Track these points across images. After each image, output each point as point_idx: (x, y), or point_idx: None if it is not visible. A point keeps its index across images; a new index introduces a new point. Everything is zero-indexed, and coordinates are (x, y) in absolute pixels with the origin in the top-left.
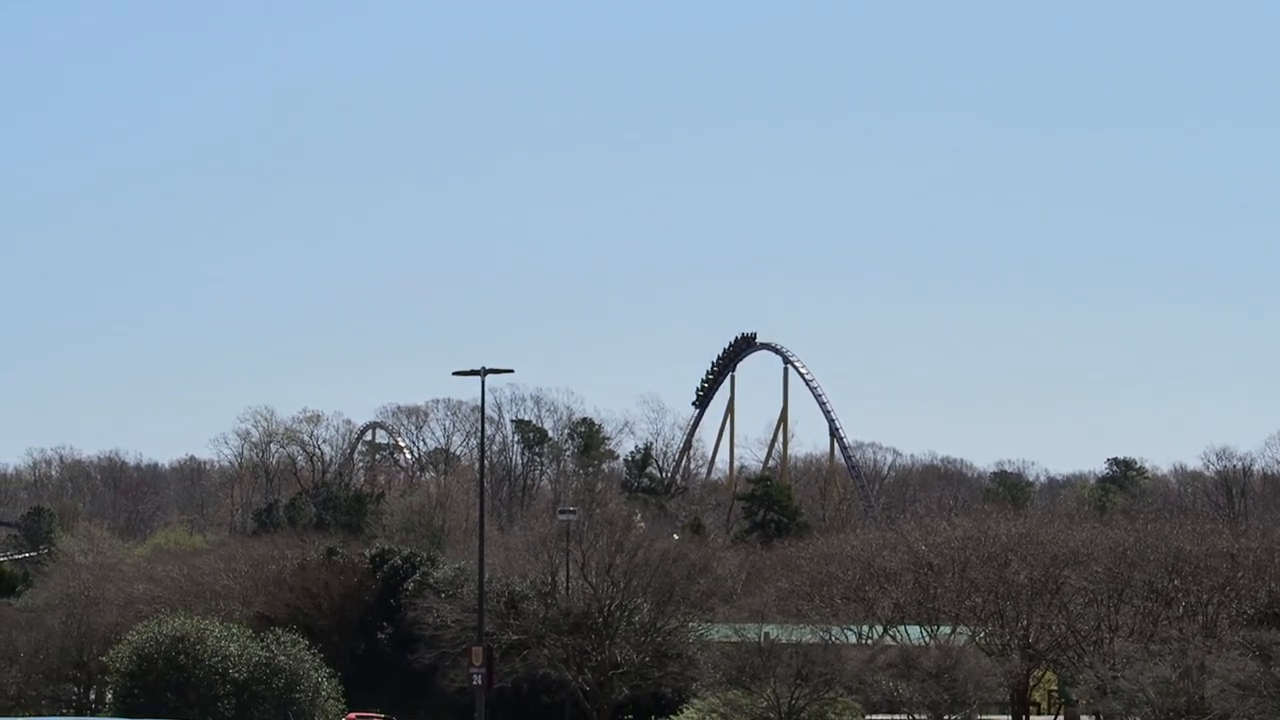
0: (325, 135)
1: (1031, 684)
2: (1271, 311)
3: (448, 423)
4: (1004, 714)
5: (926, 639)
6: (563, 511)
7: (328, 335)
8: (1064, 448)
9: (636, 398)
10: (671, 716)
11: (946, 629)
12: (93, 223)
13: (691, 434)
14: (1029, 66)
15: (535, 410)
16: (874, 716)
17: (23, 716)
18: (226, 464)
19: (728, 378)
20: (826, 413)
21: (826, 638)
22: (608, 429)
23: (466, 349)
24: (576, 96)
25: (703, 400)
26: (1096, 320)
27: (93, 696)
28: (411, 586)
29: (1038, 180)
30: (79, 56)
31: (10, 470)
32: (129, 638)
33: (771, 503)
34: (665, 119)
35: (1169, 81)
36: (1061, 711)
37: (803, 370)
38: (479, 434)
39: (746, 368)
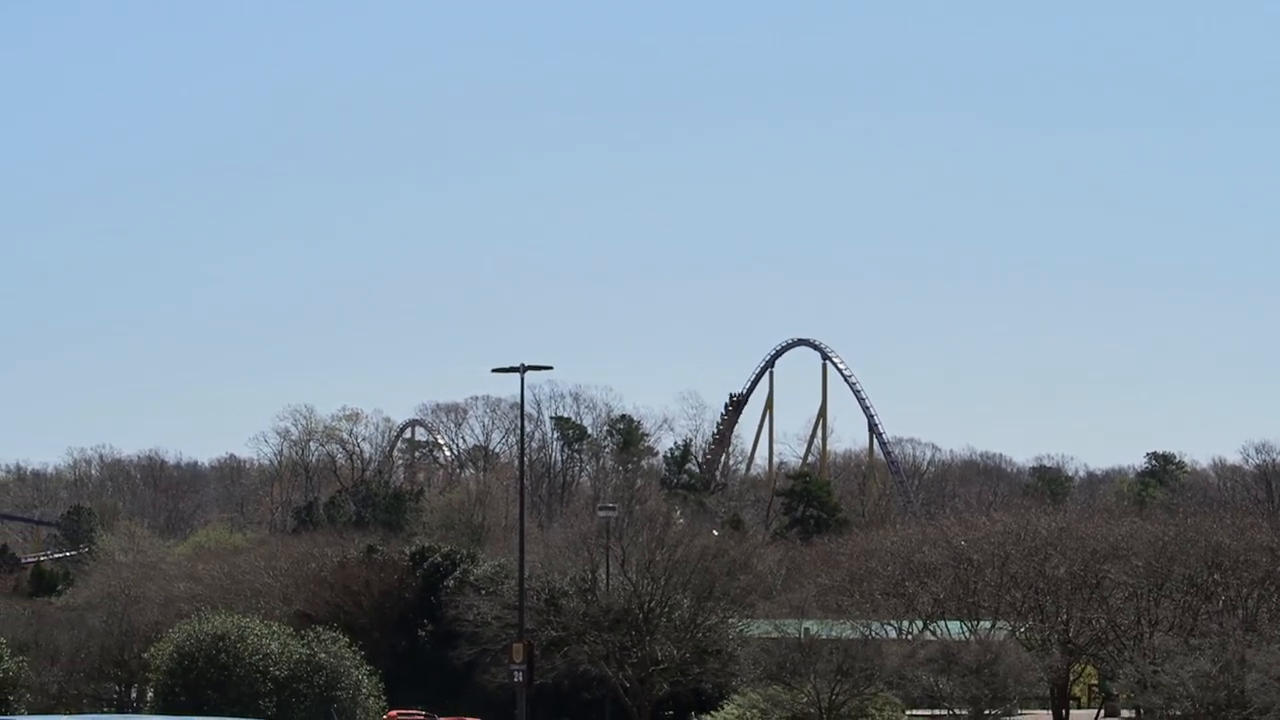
0: (346, 134)
1: (1072, 679)
2: None
3: (487, 420)
4: (1044, 709)
5: (967, 634)
6: (602, 508)
7: (367, 334)
8: (1103, 442)
9: (675, 394)
10: (712, 712)
11: (986, 624)
12: (114, 221)
13: (730, 430)
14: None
15: (574, 407)
16: (914, 712)
17: (65, 714)
18: (266, 462)
19: (766, 374)
20: (865, 408)
21: (866, 633)
22: (646, 425)
23: (505, 347)
24: (586, 96)
25: (740, 397)
26: (1135, 315)
27: (134, 695)
28: (451, 584)
29: (1064, 177)
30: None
31: (50, 470)
32: (170, 636)
33: (811, 498)
34: (692, 118)
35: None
36: (1102, 706)
37: (841, 366)
38: (518, 431)
39: (785, 364)
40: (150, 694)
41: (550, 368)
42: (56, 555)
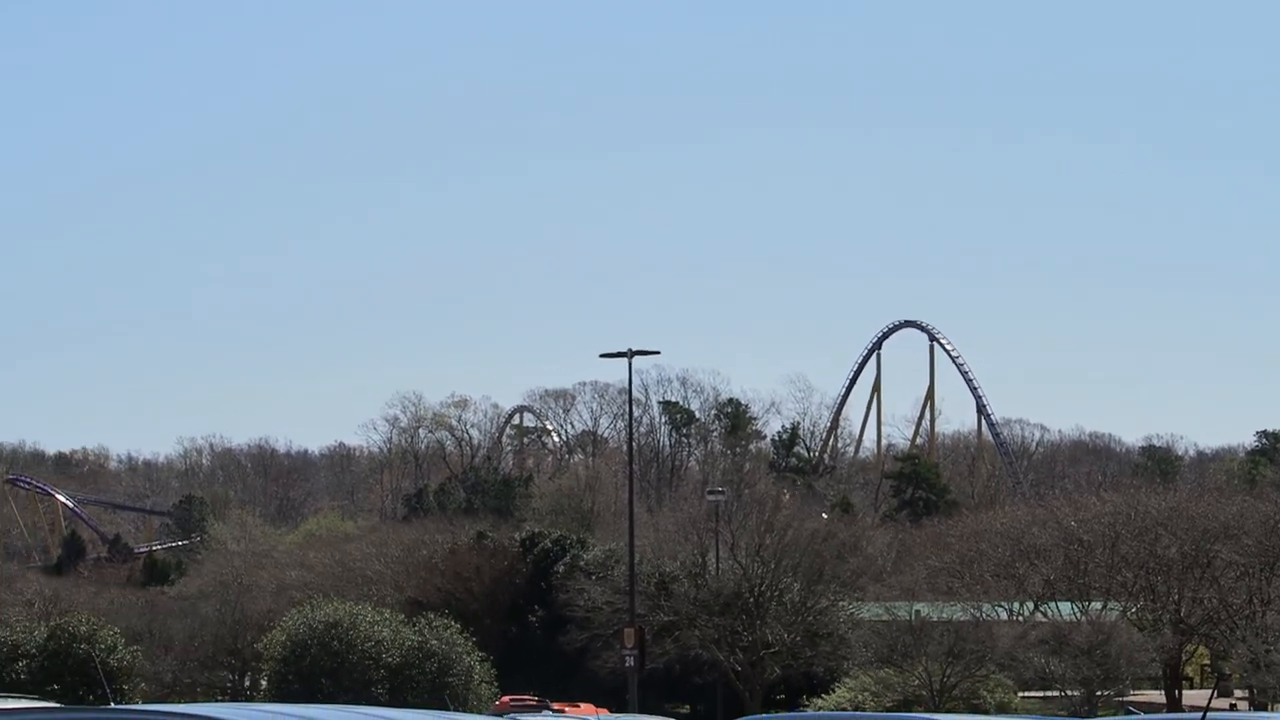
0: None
1: (1184, 658)
2: None
3: (595, 405)
4: (1156, 689)
5: (1078, 615)
6: (711, 492)
7: (475, 321)
8: (1213, 421)
9: (783, 377)
10: (824, 695)
11: (1098, 604)
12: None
13: (838, 413)
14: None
15: (682, 391)
16: (1026, 693)
17: (179, 704)
18: (376, 450)
19: (874, 356)
20: (973, 389)
21: (977, 615)
22: (754, 409)
23: (613, 332)
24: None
25: (849, 380)
26: (1243, 291)
27: (247, 683)
28: (562, 569)
29: (1173, 151)
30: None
31: (162, 459)
32: (282, 624)
33: (920, 480)
34: (795, 103)
35: None
36: (1215, 686)
37: (948, 347)
38: (626, 416)
39: (892, 346)
40: (264, 682)
41: (657, 352)
42: (169, 545)
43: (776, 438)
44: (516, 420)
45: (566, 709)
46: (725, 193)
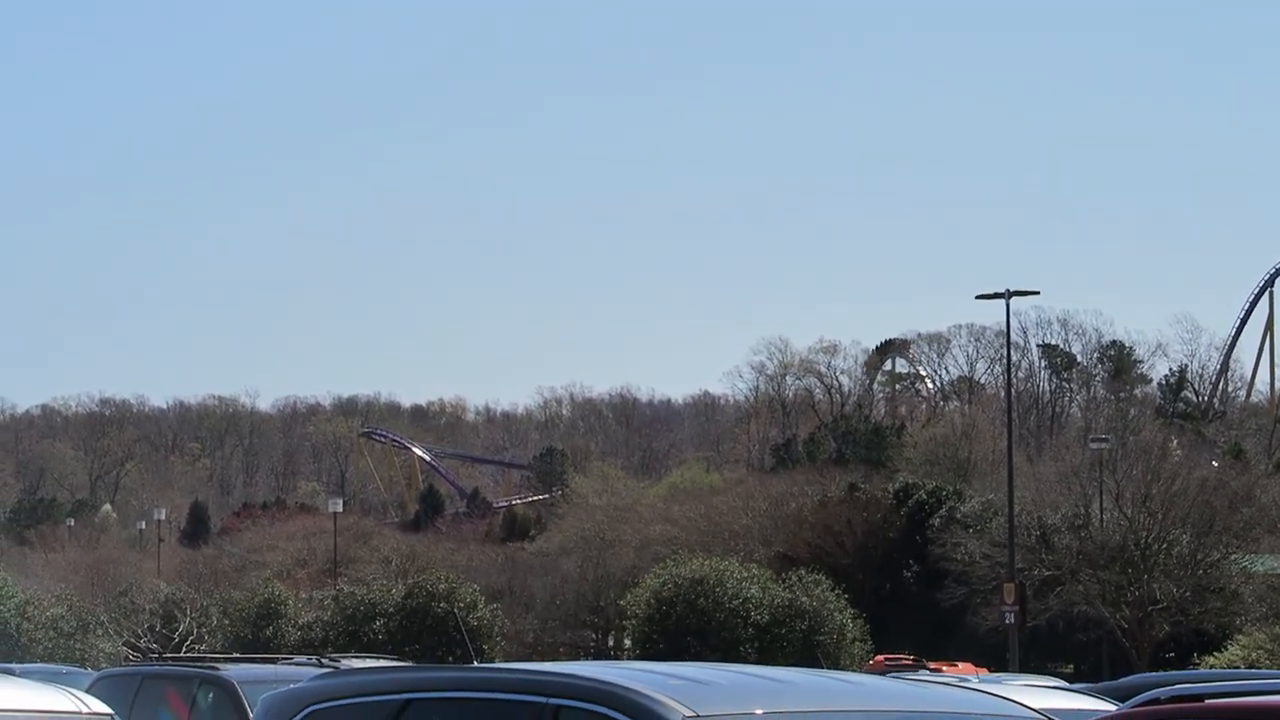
0: None
1: None
2: None
3: (970, 349)
4: None
5: None
6: (1094, 440)
7: (843, 262)
8: None
9: (1169, 317)
10: (1215, 654)
11: None
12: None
13: (1228, 354)
14: None
15: (1062, 334)
16: None
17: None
18: (741, 398)
19: (1266, 294)
20: None
21: None
22: (1139, 351)
23: (989, 271)
24: None
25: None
26: None
27: (611, 642)
28: (938, 522)
29: None
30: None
31: (520, 410)
32: (646, 581)
33: None
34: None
35: None
36: None
37: None
38: (1004, 360)
39: None
40: (628, 641)
41: (1036, 293)
42: (529, 499)
43: (1163, 382)
44: (888, 365)
45: (944, 668)
46: (1104, 121)
